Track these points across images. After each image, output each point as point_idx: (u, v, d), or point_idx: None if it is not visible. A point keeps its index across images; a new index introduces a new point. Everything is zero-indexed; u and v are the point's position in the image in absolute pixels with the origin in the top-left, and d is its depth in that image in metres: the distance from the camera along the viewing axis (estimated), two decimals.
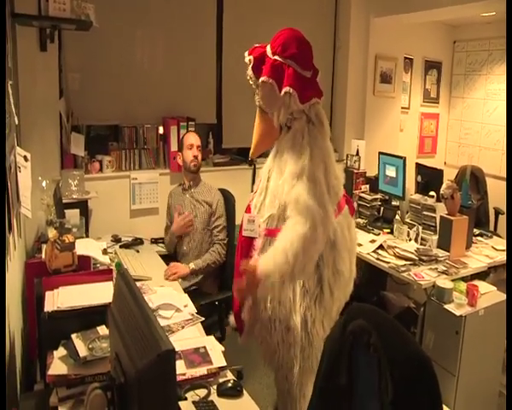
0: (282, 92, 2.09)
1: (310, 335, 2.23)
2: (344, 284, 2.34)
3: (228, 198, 3.40)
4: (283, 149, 2.20)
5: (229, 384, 1.88)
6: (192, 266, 3.10)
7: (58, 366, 1.69)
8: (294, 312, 2.21)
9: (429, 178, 3.99)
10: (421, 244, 3.45)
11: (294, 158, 2.12)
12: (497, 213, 4.69)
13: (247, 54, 2.26)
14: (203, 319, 2.40)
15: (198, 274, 3.15)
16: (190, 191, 3.35)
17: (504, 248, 3.48)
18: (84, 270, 2.25)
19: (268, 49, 2.20)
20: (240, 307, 2.34)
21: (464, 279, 3.09)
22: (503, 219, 4.64)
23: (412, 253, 3.27)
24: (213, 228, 3.26)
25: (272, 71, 2.11)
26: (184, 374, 1.87)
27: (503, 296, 3.02)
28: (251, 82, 2.26)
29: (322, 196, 2.09)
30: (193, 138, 3.38)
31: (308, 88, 2.16)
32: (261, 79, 2.14)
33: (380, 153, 4.13)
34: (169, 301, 2.41)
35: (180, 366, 1.88)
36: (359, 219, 4.03)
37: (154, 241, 3.61)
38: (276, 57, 2.14)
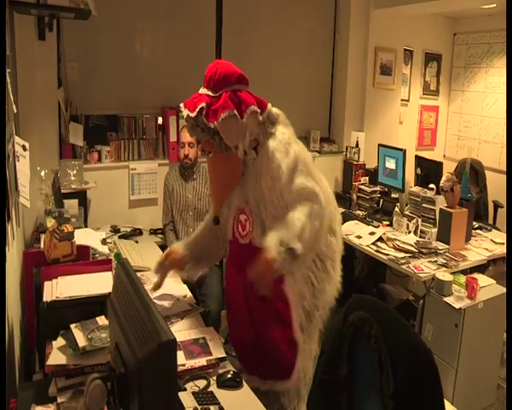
0: (246, 115, 2.04)
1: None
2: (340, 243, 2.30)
3: None
4: (260, 168, 2.11)
5: (229, 375, 1.88)
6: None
7: (57, 356, 1.68)
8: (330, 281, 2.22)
9: (429, 171, 3.99)
10: (420, 237, 3.44)
11: (276, 167, 2.05)
12: (497, 206, 4.69)
13: (186, 111, 2.11)
14: (202, 309, 2.39)
15: None
16: (192, 178, 3.45)
17: (504, 241, 3.48)
18: (83, 260, 2.24)
19: (207, 92, 2.11)
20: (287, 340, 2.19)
21: (463, 272, 3.10)
22: (502, 212, 4.64)
23: (412, 245, 3.26)
24: None
25: (229, 102, 2.04)
26: (184, 365, 1.87)
27: (503, 289, 3.02)
28: (201, 135, 2.13)
29: (310, 169, 2.11)
30: (185, 136, 3.41)
31: (257, 98, 2.15)
32: (221, 116, 2.00)
33: (379, 145, 4.12)
34: (168, 291, 2.40)
35: (179, 357, 1.88)
36: (359, 211, 4.03)
37: (153, 231, 3.61)
38: (223, 90, 2.08)
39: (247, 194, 2.17)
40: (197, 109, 2.05)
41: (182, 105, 2.15)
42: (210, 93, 2.09)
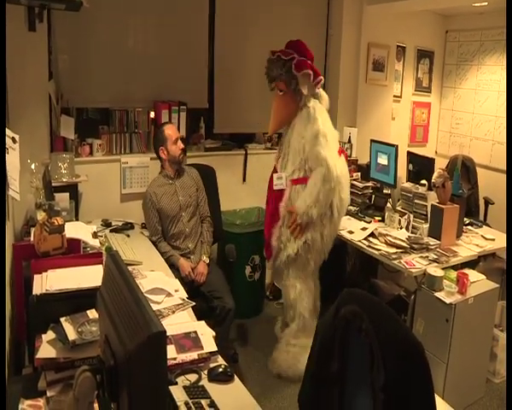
0: (316, 81, 3.08)
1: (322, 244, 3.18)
2: (345, 209, 3.26)
3: (209, 173, 3.66)
4: (298, 123, 3.10)
5: (220, 369, 1.87)
6: (207, 260, 3.33)
7: (47, 349, 1.67)
8: (314, 229, 3.12)
9: (421, 167, 3.99)
10: (411, 232, 3.45)
11: (310, 126, 3.04)
12: (487, 202, 4.71)
13: (278, 54, 3.12)
14: (194, 303, 2.38)
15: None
16: (179, 179, 3.39)
17: (494, 237, 3.49)
18: (74, 253, 2.22)
19: (291, 51, 3.12)
20: (269, 236, 3.26)
21: (454, 268, 3.11)
22: (492, 208, 4.67)
23: (403, 241, 3.27)
24: (200, 201, 3.43)
25: (309, 65, 3.06)
26: (175, 359, 1.86)
27: (493, 285, 3.04)
28: (283, 75, 3.10)
29: (329, 146, 3.03)
30: (176, 132, 3.39)
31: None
32: (305, 71, 3.02)
33: (372, 140, 4.12)
34: (160, 285, 2.39)
35: (171, 351, 1.87)
36: (351, 207, 4.02)
37: (145, 226, 3.57)
38: (303, 57, 3.09)
39: (288, 135, 3.19)
40: (289, 57, 3.03)
41: (271, 51, 3.14)
42: (295, 54, 3.04)
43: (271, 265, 3.42)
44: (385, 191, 4.03)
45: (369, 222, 3.70)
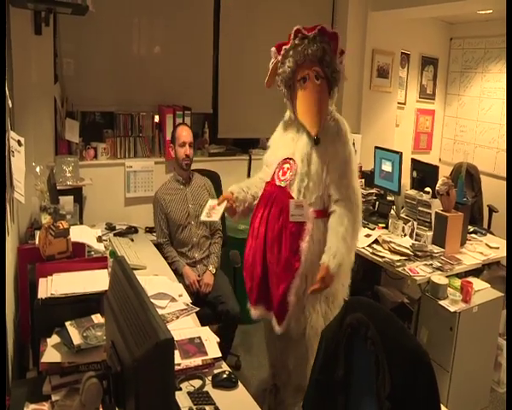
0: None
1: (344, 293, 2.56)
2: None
3: (214, 178, 3.63)
4: (324, 137, 2.35)
5: (225, 375, 1.87)
6: (213, 270, 3.25)
7: (51, 353, 1.66)
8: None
9: (425, 174, 3.99)
10: (415, 240, 3.44)
11: (341, 147, 2.39)
12: (491, 210, 4.70)
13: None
14: (198, 309, 2.38)
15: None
16: (190, 186, 3.35)
17: (498, 245, 3.48)
18: (79, 257, 2.22)
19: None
20: (285, 291, 2.38)
21: (458, 276, 3.10)
22: (496, 216, 4.66)
23: (407, 248, 3.26)
24: None
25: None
26: (179, 364, 1.85)
27: (497, 294, 3.03)
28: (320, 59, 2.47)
29: (356, 173, 2.46)
30: (185, 135, 3.31)
31: None
32: (343, 62, 2.46)
33: (376, 147, 4.12)
34: (164, 290, 2.39)
35: (175, 357, 1.86)
36: None
37: (149, 230, 3.58)
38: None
39: (297, 147, 2.41)
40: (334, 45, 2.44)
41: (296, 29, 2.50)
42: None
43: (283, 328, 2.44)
44: (389, 198, 4.02)
45: (373, 229, 3.69)
